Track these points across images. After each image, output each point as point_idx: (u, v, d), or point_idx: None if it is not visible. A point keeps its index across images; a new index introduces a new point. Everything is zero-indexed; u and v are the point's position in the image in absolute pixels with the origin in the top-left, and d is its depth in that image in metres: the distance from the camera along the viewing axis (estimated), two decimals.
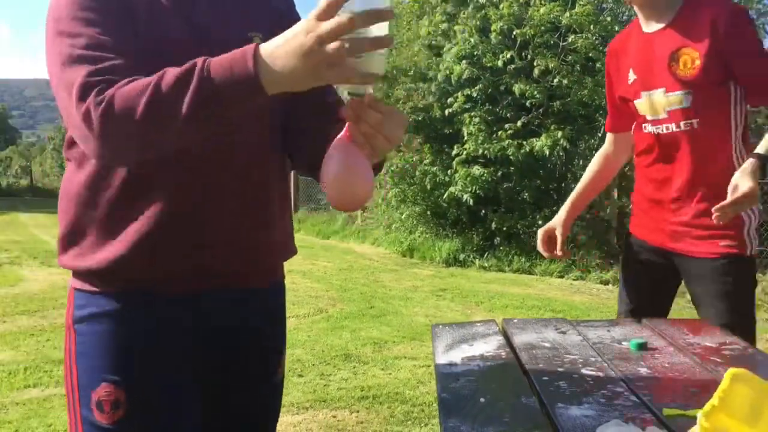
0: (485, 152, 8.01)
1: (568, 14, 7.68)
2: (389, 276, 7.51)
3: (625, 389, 1.16)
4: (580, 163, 8.98)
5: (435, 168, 8.98)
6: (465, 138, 8.34)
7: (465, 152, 8.23)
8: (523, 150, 7.80)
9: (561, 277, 7.41)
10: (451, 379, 1.23)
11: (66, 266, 1.15)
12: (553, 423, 1.02)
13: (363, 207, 1.41)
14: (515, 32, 7.99)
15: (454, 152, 8.41)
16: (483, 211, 8.62)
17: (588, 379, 1.21)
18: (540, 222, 8.20)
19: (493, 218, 8.36)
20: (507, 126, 8.09)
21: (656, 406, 1.08)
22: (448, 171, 8.67)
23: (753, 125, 11.28)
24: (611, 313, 5.43)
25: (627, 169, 8.55)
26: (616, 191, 7.91)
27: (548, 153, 7.70)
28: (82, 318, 1.12)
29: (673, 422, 1.01)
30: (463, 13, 8.52)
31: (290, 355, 4.16)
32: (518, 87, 7.90)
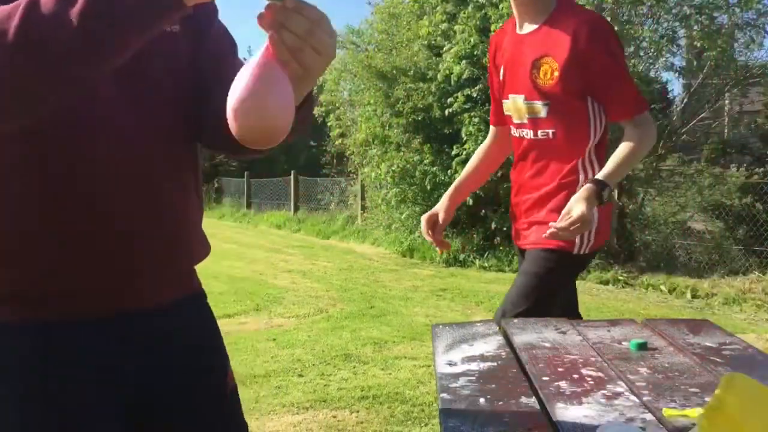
0: None
1: None
2: (389, 276, 7.51)
3: (625, 389, 1.16)
4: None
5: (435, 168, 8.98)
6: (465, 138, 8.34)
7: (465, 152, 8.22)
8: None
9: None
10: (451, 379, 1.23)
11: None
12: (553, 423, 1.02)
13: (274, 145, 0.84)
14: None
15: (454, 152, 8.41)
16: (483, 211, 8.62)
17: (588, 379, 1.22)
18: None
19: (493, 218, 8.35)
20: None
21: (656, 406, 1.08)
22: (448, 171, 8.67)
23: (753, 125, 11.17)
24: (611, 313, 5.44)
25: None
26: (616, 191, 7.90)
27: None
28: None
29: (673, 422, 1.01)
30: (464, 13, 8.51)
31: (290, 355, 4.16)
32: None
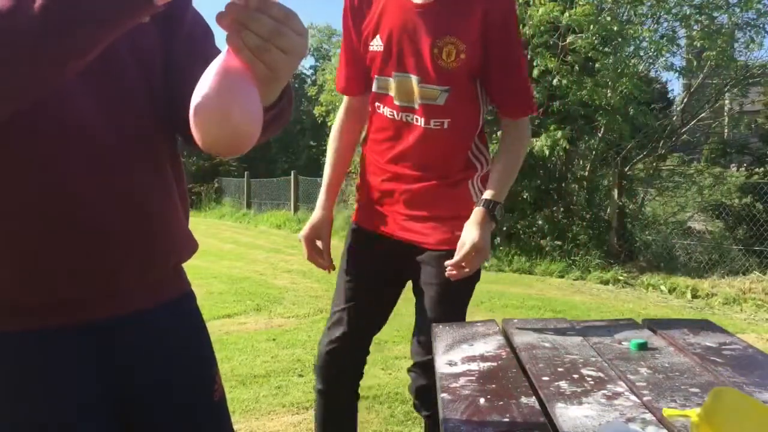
0: None
1: (568, 14, 7.68)
2: None
3: (625, 389, 1.16)
4: (581, 163, 8.99)
5: None
6: None
7: None
8: None
9: (561, 277, 7.41)
10: (451, 379, 1.23)
11: None
12: (553, 423, 1.02)
13: (242, 153, 0.77)
14: None
15: None
16: None
17: (588, 379, 1.22)
18: (540, 222, 8.21)
19: None
20: None
21: (656, 406, 1.08)
22: None
23: (753, 125, 11.18)
24: (611, 313, 5.44)
25: (627, 169, 8.58)
26: (616, 191, 7.91)
27: (548, 153, 7.70)
28: None
29: (673, 422, 1.01)
30: None
31: (290, 355, 4.16)
32: None
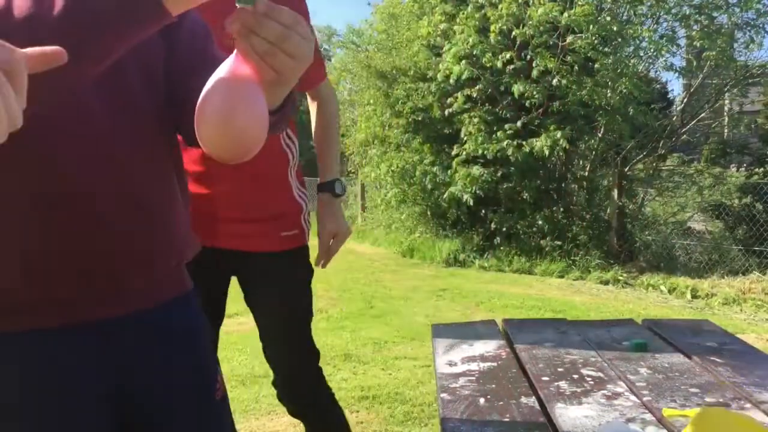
0: (485, 152, 8.01)
1: (567, 14, 7.68)
2: (389, 276, 7.51)
3: (625, 389, 1.16)
4: (580, 163, 8.99)
5: (435, 168, 8.99)
6: (465, 138, 8.34)
7: (465, 152, 8.24)
8: (523, 150, 7.80)
9: (561, 277, 7.41)
10: (451, 379, 1.23)
11: None
12: (553, 423, 1.02)
13: (246, 159, 0.88)
14: (514, 32, 8.00)
15: (454, 152, 8.42)
16: (483, 211, 8.62)
17: (588, 379, 1.22)
18: (540, 222, 8.22)
19: (493, 218, 8.36)
20: (507, 126, 8.10)
21: (656, 406, 1.08)
22: (448, 171, 8.67)
23: (753, 125, 11.20)
24: (611, 313, 5.44)
25: (627, 169, 8.58)
26: (616, 191, 7.91)
27: (548, 153, 7.70)
28: None
29: (673, 422, 1.01)
30: (463, 13, 8.52)
31: None
32: (518, 87, 7.90)
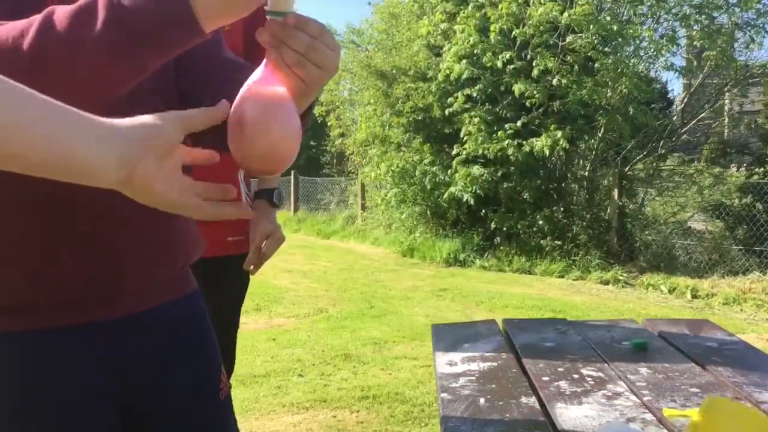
0: (485, 152, 8.01)
1: (567, 14, 7.68)
2: (389, 276, 7.51)
3: (625, 389, 1.16)
4: (581, 163, 8.99)
5: (435, 168, 8.99)
6: (465, 138, 8.34)
7: (465, 152, 8.24)
8: (523, 150, 7.80)
9: (561, 277, 7.41)
10: (451, 379, 1.23)
11: None
12: (553, 423, 1.02)
13: (279, 172, 0.90)
14: (514, 32, 8.00)
15: (454, 152, 8.42)
16: (483, 211, 8.62)
17: (588, 379, 1.22)
18: (540, 222, 8.22)
19: (493, 218, 8.36)
20: (507, 126, 8.10)
21: (656, 406, 1.08)
22: (448, 171, 8.68)
23: (753, 125, 11.16)
24: (611, 313, 5.44)
25: (627, 169, 8.58)
26: (616, 191, 7.91)
27: (548, 153, 7.70)
28: None
29: (673, 422, 1.01)
30: (463, 13, 8.52)
31: (290, 355, 4.16)
32: (518, 87, 7.90)
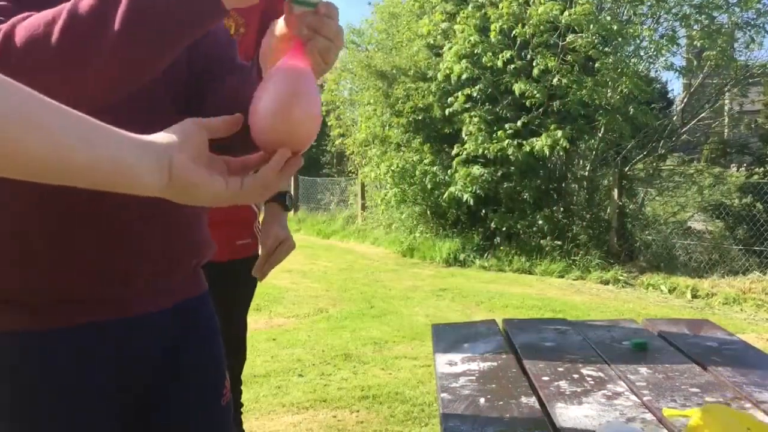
0: (485, 152, 8.01)
1: (567, 14, 7.68)
2: (389, 276, 7.51)
3: (625, 389, 1.16)
4: (581, 163, 8.99)
5: (435, 168, 8.98)
6: (465, 138, 8.34)
7: (465, 152, 8.24)
8: (524, 150, 7.80)
9: (561, 277, 7.41)
10: (451, 379, 1.23)
11: None
12: (553, 423, 1.02)
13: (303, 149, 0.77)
14: (515, 32, 8.00)
15: (454, 152, 8.41)
16: (483, 211, 8.62)
17: (588, 379, 1.21)
18: (540, 222, 8.22)
19: (493, 218, 8.36)
20: (507, 126, 8.10)
21: (656, 406, 1.08)
22: (448, 171, 8.67)
23: (753, 125, 11.18)
24: (611, 313, 5.44)
25: (627, 169, 8.58)
26: (616, 191, 7.91)
27: (548, 153, 7.70)
28: None
29: (673, 422, 1.01)
30: (463, 12, 8.52)
31: (290, 355, 4.16)
32: (518, 87, 7.90)
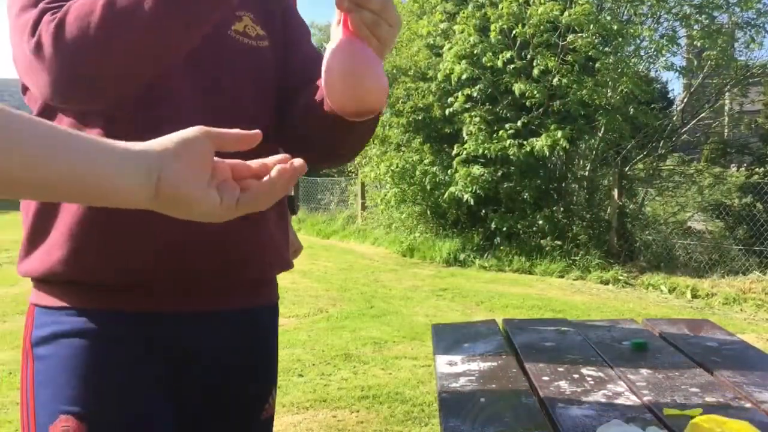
0: (485, 152, 8.01)
1: (567, 14, 7.68)
2: (389, 276, 7.51)
3: (625, 389, 1.16)
4: (581, 163, 8.99)
5: (435, 168, 8.98)
6: (465, 138, 8.34)
7: (465, 152, 8.24)
8: (524, 150, 7.81)
9: (561, 277, 7.41)
10: (451, 379, 1.23)
11: (26, 274, 0.99)
12: (553, 423, 1.02)
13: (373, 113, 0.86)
14: (515, 31, 8.00)
15: (454, 152, 8.42)
16: (483, 211, 8.62)
17: (588, 379, 1.21)
18: (540, 222, 8.22)
19: (493, 218, 8.36)
20: (507, 126, 8.10)
21: (656, 406, 1.08)
22: (448, 171, 8.67)
23: (753, 125, 11.19)
24: (611, 313, 5.44)
25: (627, 169, 8.59)
26: (616, 191, 7.91)
27: (548, 153, 7.70)
28: (42, 339, 0.97)
29: (673, 422, 1.01)
30: (463, 13, 8.52)
31: (290, 355, 4.16)
32: (518, 86, 7.90)
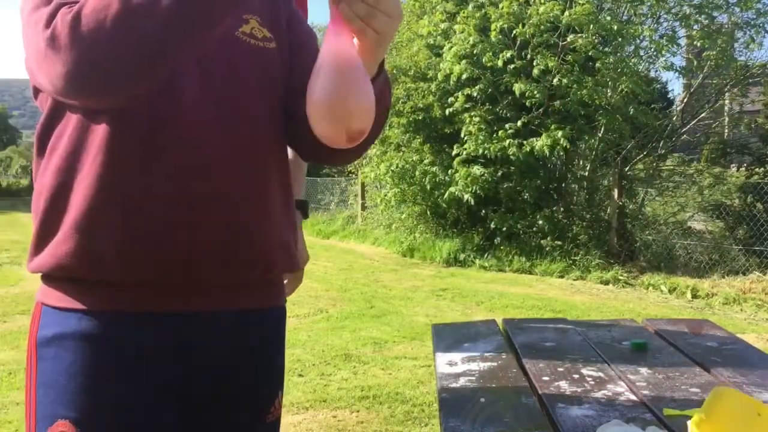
0: (485, 152, 8.01)
1: (567, 14, 7.68)
2: (389, 276, 7.51)
3: (625, 389, 1.16)
4: (581, 163, 8.99)
5: (435, 168, 8.98)
6: (465, 138, 8.34)
7: (465, 152, 8.24)
8: (524, 150, 7.81)
9: (561, 277, 7.41)
10: (451, 379, 1.23)
11: (34, 270, 0.97)
12: (553, 423, 1.02)
13: (359, 140, 0.83)
14: (515, 31, 8.00)
15: (454, 152, 8.42)
16: (483, 211, 8.62)
17: (588, 379, 1.21)
18: (540, 222, 8.22)
19: (493, 218, 8.36)
20: (507, 126, 8.10)
21: (656, 406, 1.08)
22: (448, 171, 8.67)
23: (753, 125, 11.15)
24: (611, 313, 5.44)
25: (627, 169, 8.59)
26: (616, 191, 7.91)
27: (548, 153, 7.70)
28: (47, 340, 0.95)
29: (673, 422, 1.01)
30: (463, 12, 8.52)
31: (290, 355, 4.16)
32: (518, 86, 7.90)
